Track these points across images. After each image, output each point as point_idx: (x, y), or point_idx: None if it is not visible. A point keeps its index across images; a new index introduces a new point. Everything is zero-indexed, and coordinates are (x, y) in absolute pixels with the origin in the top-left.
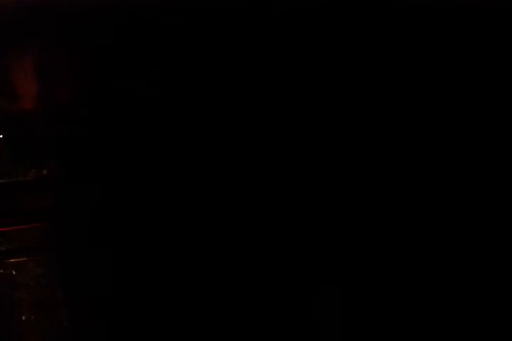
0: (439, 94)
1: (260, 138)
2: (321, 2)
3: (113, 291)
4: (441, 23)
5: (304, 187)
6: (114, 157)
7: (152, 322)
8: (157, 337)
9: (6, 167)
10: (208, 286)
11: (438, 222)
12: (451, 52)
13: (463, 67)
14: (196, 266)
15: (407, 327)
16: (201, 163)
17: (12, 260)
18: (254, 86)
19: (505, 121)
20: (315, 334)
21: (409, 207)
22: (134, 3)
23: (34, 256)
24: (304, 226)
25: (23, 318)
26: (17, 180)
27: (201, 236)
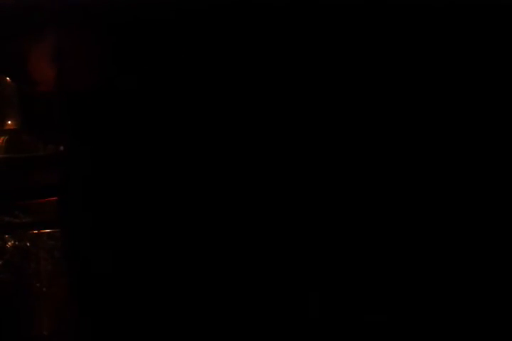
0: (440, 94)
1: (261, 138)
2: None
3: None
4: (442, 22)
5: (302, 190)
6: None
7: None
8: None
9: (24, 142)
10: (207, 284)
11: (438, 224)
12: (451, 52)
13: (463, 67)
14: (196, 263)
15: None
16: (204, 154)
17: (29, 232)
18: (256, 86)
19: (506, 122)
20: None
21: (407, 210)
22: (135, 2)
23: (50, 229)
24: (303, 228)
25: (36, 289)
26: (33, 154)
27: (202, 232)
